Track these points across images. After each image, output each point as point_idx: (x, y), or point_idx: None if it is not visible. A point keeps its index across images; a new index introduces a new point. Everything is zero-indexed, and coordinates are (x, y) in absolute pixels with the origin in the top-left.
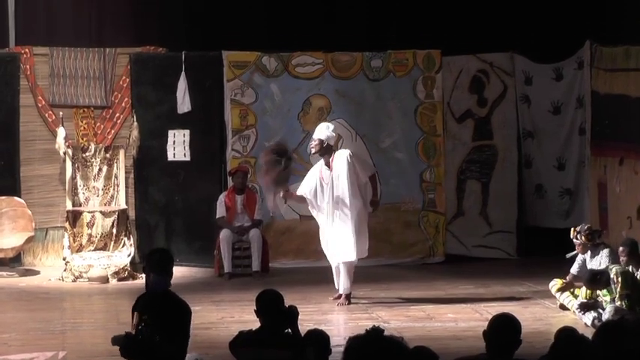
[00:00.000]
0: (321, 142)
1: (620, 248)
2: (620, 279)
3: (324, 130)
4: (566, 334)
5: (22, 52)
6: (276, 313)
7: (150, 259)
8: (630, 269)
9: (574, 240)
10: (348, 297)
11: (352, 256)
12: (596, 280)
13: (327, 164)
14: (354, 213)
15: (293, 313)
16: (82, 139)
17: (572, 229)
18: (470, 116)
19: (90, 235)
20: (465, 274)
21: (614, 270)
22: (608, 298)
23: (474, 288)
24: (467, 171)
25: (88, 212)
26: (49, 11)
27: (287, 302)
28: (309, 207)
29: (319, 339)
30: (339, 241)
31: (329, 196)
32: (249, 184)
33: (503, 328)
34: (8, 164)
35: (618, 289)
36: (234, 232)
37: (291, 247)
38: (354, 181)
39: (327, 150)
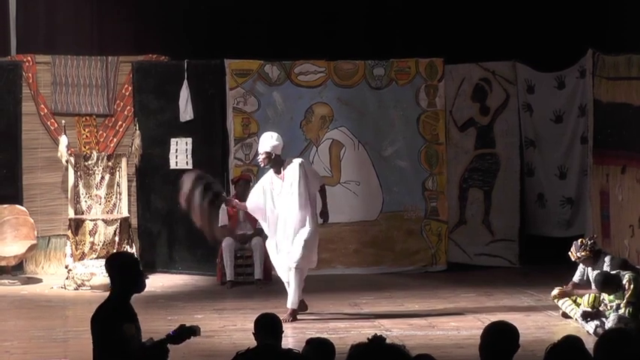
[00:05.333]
0: (268, 154)
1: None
2: (631, 285)
3: (268, 141)
4: (567, 342)
5: (25, 60)
6: (274, 339)
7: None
8: None
9: (577, 260)
10: (294, 313)
11: (297, 259)
12: (609, 282)
13: (278, 174)
14: (303, 222)
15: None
16: (85, 147)
17: (570, 253)
18: (472, 125)
19: (92, 243)
20: (467, 282)
21: (627, 276)
22: (614, 304)
23: (476, 296)
24: (469, 179)
25: (91, 220)
26: (51, 19)
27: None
28: (259, 219)
29: (323, 347)
30: (289, 248)
31: (280, 205)
32: None
33: (497, 337)
34: (10, 172)
35: (627, 296)
36: (237, 241)
37: None
38: (305, 191)
39: (276, 161)
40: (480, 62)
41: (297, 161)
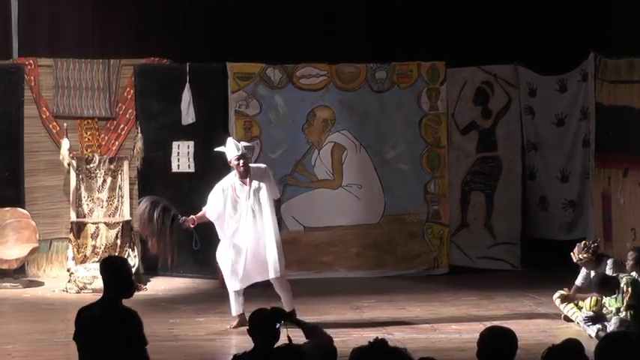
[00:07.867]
0: (243, 156)
1: (630, 253)
2: (630, 289)
3: (235, 144)
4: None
5: (27, 63)
6: (267, 333)
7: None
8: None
9: (578, 262)
10: (294, 313)
11: (281, 269)
12: (606, 284)
13: (243, 178)
14: (275, 228)
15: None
16: (87, 150)
17: (572, 254)
18: (474, 128)
19: (94, 247)
20: (469, 285)
21: (624, 279)
22: (614, 308)
23: (478, 299)
24: (471, 182)
25: (92, 223)
26: (52, 22)
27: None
28: (217, 228)
29: (326, 352)
30: (269, 257)
31: (249, 212)
32: None
33: (494, 342)
34: (12, 175)
35: (626, 299)
36: None
37: (295, 258)
38: (271, 196)
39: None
40: (482, 65)
41: (263, 166)
